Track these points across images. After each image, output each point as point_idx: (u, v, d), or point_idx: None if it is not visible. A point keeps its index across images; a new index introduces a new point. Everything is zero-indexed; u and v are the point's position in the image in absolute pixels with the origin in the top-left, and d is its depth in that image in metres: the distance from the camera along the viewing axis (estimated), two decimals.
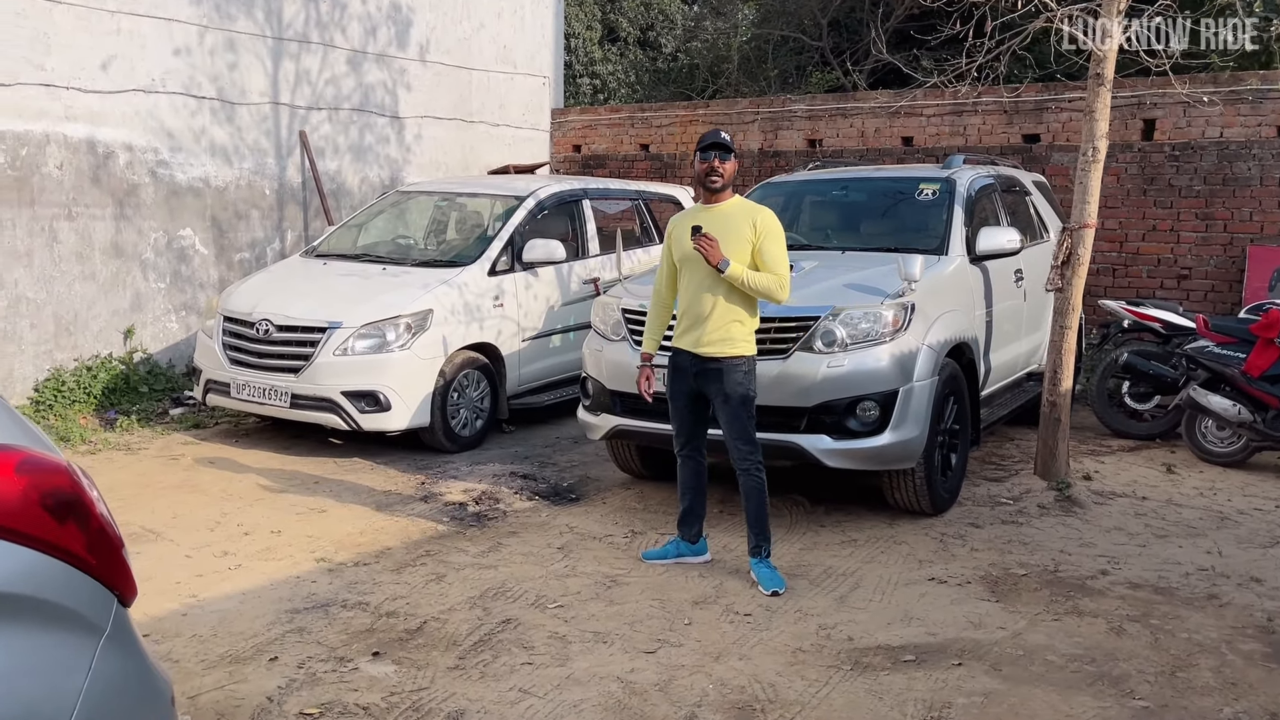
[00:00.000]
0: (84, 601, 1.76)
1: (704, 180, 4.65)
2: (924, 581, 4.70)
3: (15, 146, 7.58)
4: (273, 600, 4.43)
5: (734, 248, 4.54)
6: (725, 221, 4.60)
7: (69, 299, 7.98)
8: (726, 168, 4.62)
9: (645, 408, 5.62)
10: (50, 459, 1.78)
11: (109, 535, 1.82)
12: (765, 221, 4.59)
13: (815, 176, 7.34)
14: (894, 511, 5.64)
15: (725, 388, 4.61)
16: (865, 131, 10.64)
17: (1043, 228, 7.62)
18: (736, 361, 4.60)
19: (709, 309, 4.59)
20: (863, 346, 5.22)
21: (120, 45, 8.16)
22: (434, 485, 6.22)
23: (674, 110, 11.92)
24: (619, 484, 6.33)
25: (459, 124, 11.27)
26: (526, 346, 7.67)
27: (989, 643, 4.05)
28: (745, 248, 4.56)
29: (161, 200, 8.57)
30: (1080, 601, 4.47)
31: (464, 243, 8.07)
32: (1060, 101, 9.64)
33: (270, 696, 3.53)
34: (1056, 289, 6.13)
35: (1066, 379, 6.15)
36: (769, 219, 4.62)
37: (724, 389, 4.61)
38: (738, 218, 4.60)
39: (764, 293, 4.56)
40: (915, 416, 5.26)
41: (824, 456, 5.20)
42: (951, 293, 5.89)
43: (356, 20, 10.09)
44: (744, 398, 4.63)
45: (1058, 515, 5.68)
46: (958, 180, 6.55)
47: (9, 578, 1.62)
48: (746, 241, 4.56)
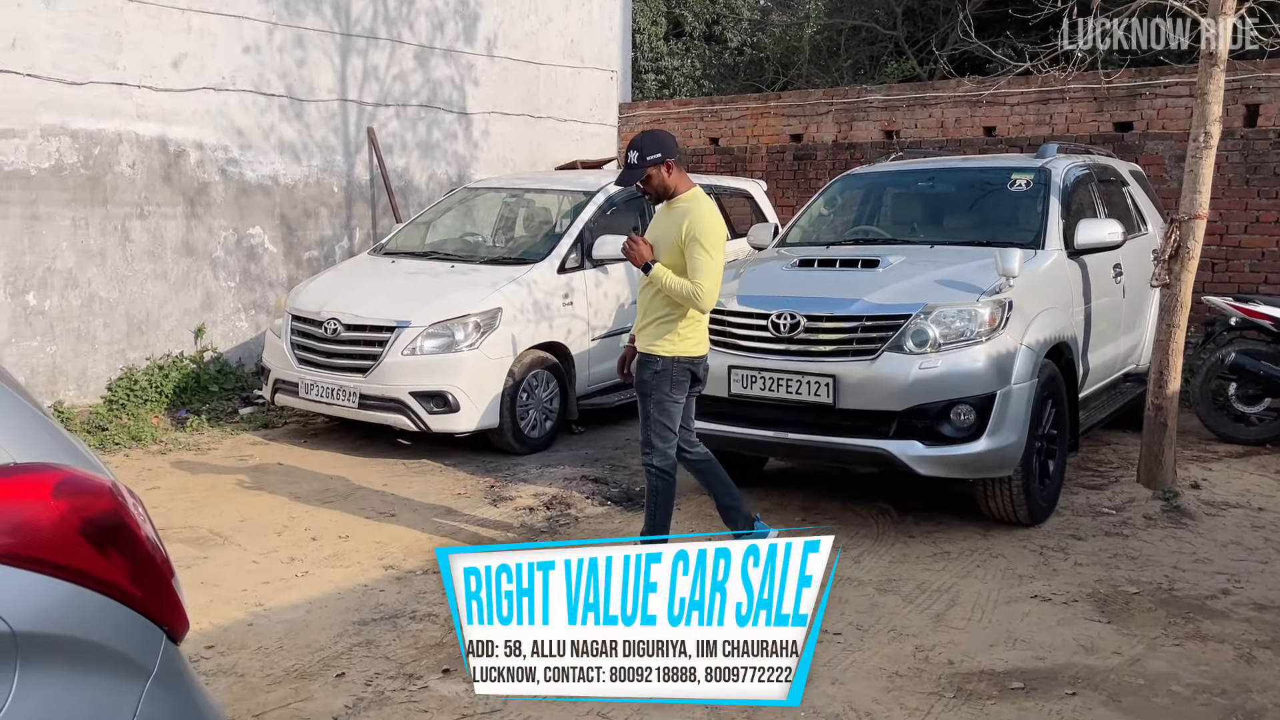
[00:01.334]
0: (128, 640, 1.57)
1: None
2: (1026, 599, 4.38)
3: (88, 145, 7.58)
4: (340, 610, 4.27)
5: (665, 250, 4.39)
6: (667, 222, 4.45)
7: (141, 298, 7.98)
8: (650, 180, 4.41)
9: (721, 411, 5.38)
10: (92, 479, 1.59)
11: (156, 563, 1.63)
12: (690, 225, 4.31)
13: (898, 168, 7.01)
14: (988, 522, 5.31)
15: (638, 384, 4.48)
16: (945, 122, 10.24)
17: (1141, 220, 7.19)
18: (649, 359, 4.43)
19: (643, 306, 4.49)
20: (957, 346, 4.90)
21: (191, 43, 8.13)
22: (503, 489, 6.04)
23: (744, 103, 11.62)
24: (693, 488, 6.05)
25: (526, 119, 11.12)
26: (596, 345, 7.46)
27: (1104, 669, 3.72)
28: (675, 250, 4.37)
29: (231, 199, 8.54)
30: (1202, 624, 4.12)
31: (532, 239, 7.89)
32: (1155, 87, 9.14)
33: (337, 717, 3.36)
34: (1163, 285, 5.73)
35: (1174, 381, 5.75)
36: (694, 222, 4.30)
37: (638, 385, 4.49)
38: (676, 219, 4.39)
39: (679, 299, 4.33)
40: (1013, 421, 4.93)
41: (915, 464, 4.89)
42: (1049, 289, 5.53)
43: (424, 15, 9.98)
44: (649, 397, 4.45)
45: (1166, 527, 5.30)
46: (1053, 170, 6.17)
47: (43, 617, 1.44)
48: (676, 244, 4.36)
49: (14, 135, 7.16)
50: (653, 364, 4.43)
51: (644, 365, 4.47)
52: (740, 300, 5.39)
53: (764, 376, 5.16)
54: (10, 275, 7.22)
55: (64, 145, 7.45)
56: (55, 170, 7.41)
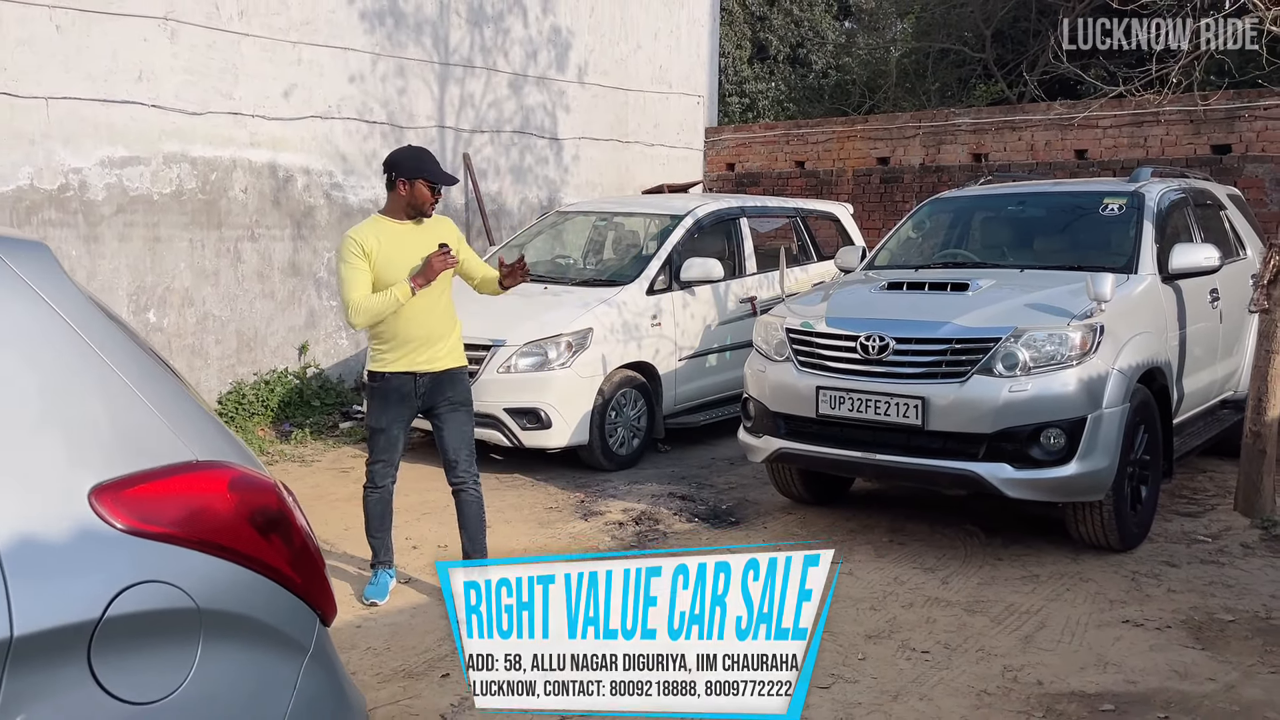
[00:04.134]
0: (289, 620, 1.76)
1: (426, 207, 4.48)
2: (1117, 624, 4.37)
3: (205, 172, 8.03)
4: (441, 615, 4.46)
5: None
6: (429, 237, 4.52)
7: (250, 316, 8.39)
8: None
9: (810, 431, 5.48)
10: (260, 477, 1.79)
11: (311, 553, 1.82)
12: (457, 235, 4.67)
13: (988, 191, 7.03)
14: (1078, 546, 5.29)
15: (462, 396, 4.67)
16: (1034, 145, 10.18)
17: (1239, 244, 7.07)
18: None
19: (447, 321, 4.62)
20: (1048, 370, 4.92)
21: (300, 74, 8.56)
22: (593, 504, 6.21)
23: (831, 126, 11.70)
24: (779, 508, 6.17)
25: (615, 144, 11.37)
26: (683, 366, 7.61)
27: (1198, 695, 3.71)
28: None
29: (335, 221, 8.93)
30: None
31: (622, 262, 8.08)
32: (1255, 109, 8.97)
33: (444, 714, 3.55)
34: (1263, 310, 5.65)
35: (1273, 407, 5.66)
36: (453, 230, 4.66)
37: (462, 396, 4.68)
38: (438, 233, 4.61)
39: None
40: (1105, 445, 4.92)
41: (1005, 486, 4.92)
42: (1142, 314, 5.50)
43: (518, 44, 10.31)
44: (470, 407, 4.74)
45: (1265, 556, 5.21)
46: (1146, 194, 6.14)
47: (221, 596, 1.63)
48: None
49: (139, 162, 7.63)
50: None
51: (463, 378, 4.65)
52: (829, 322, 5.49)
53: (852, 398, 5.24)
54: (134, 294, 7.67)
55: (184, 171, 7.90)
56: (175, 195, 7.87)
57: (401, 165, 4.41)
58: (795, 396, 5.47)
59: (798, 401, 5.46)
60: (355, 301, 4.32)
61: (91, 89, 7.32)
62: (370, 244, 4.35)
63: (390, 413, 4.54)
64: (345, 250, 4.37)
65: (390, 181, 4.44)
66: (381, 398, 4.54)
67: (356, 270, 4.33)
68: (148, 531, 1.57)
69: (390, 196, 4.48)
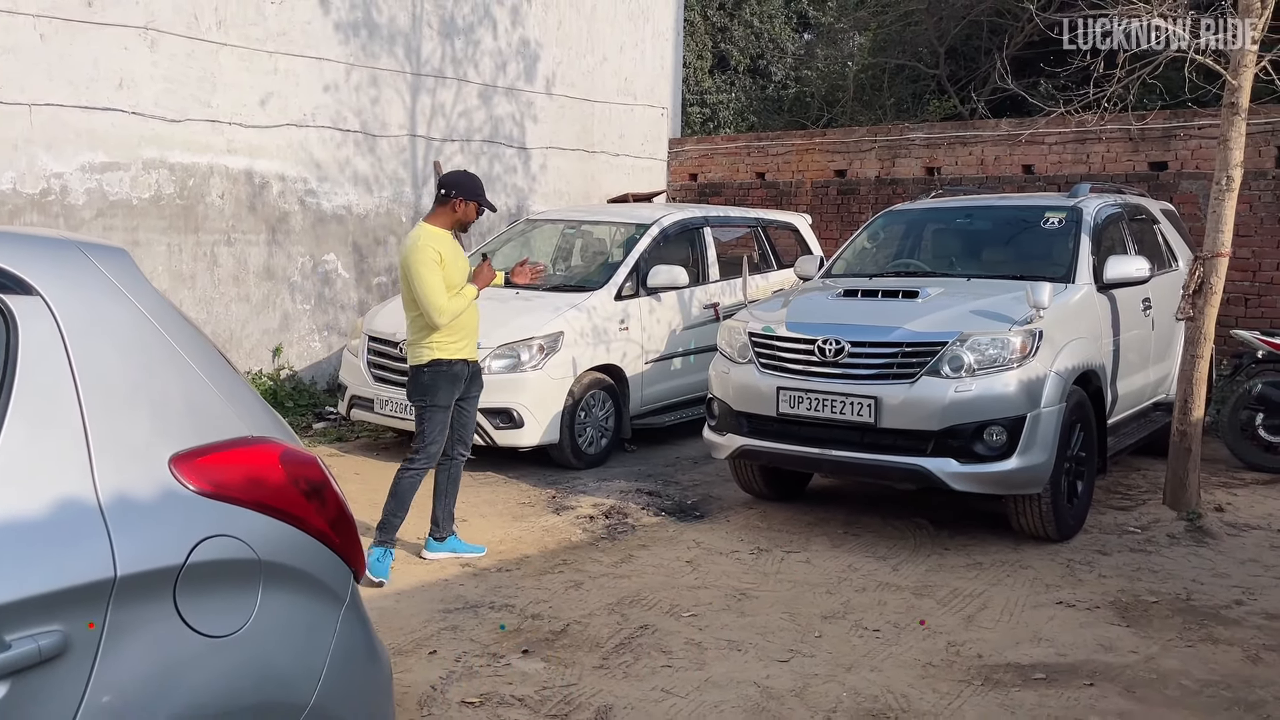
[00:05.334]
0: (330, 574, 2.04)
1: (469, 225, 5.30)
2: (1052, 605, 4.75)
3: (184, 178, 8.22)
4: (425, 601, 4.74)
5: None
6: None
7: (226, 319, 8.58)
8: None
9: (771, 429, 5.82)
10: (303, 452, 2.07)
11: (348, 517, 2.11)
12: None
13: (939, 204, 7.43)
14: (1019, 537, 5.68)
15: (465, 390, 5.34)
16: (985, 159, 10.64)
17: (1171, 256, 7.54)
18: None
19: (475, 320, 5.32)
20: (990, 372, 5.30)
21: (277, 83, 8.77)
22: (564, 499, 6.50)
23: (790, 139, 12.10)
24: (741, 503, 6.51)
25: (581, 154, 11.68)
26: (649, 368, 7.93)
27: (1120, 665, 4.09)
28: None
29: (309, 227, 9.15)
30: (1214, 630, 4.46)
31: (591, 268, 8.39)
32: (1189, 128, 9.49)
33: (434, 685, 3.82)
34: (1188, 318, 6.09)
35: (1197, 408, 6.09)
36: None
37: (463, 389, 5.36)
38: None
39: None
40: (1042, 442, 5.31)
41: (950, 480, 5.29)
42: (1078, 320, 5.91)
43: (488, 56, 10.59)
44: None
45: (1188, 545, 5.64)
46: (1084, 209, 6.56)
47: (276, 550, 1.91)
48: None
49: (119, 168, 7.81)
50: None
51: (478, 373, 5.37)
52: (789, 327, 5.84)
53: (810, 397, 5.59)
54: None
55: (162, 177, 8.09)
56: (154, 200, 8.05)
57: (462, 187, 5.12)
58: (757, 396, 5.81)
59: (759, 401, 5.80)
60: (444, 305, 5.00)
61: (73, 96, 7.50)
62: (443, 252, 5.02)
63: (452, 393, 5.18)
64: (427, 258, 4.97)
65: (446, 198, 5.12)
66: (449, 381, 5.15)
67: (438, 275, 4.99)
68: (216, 494, 1.85)
69: (441, 210, 5.15)
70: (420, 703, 3.69)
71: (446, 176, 5.25)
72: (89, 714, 1.61)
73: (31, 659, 1.56)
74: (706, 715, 3.63)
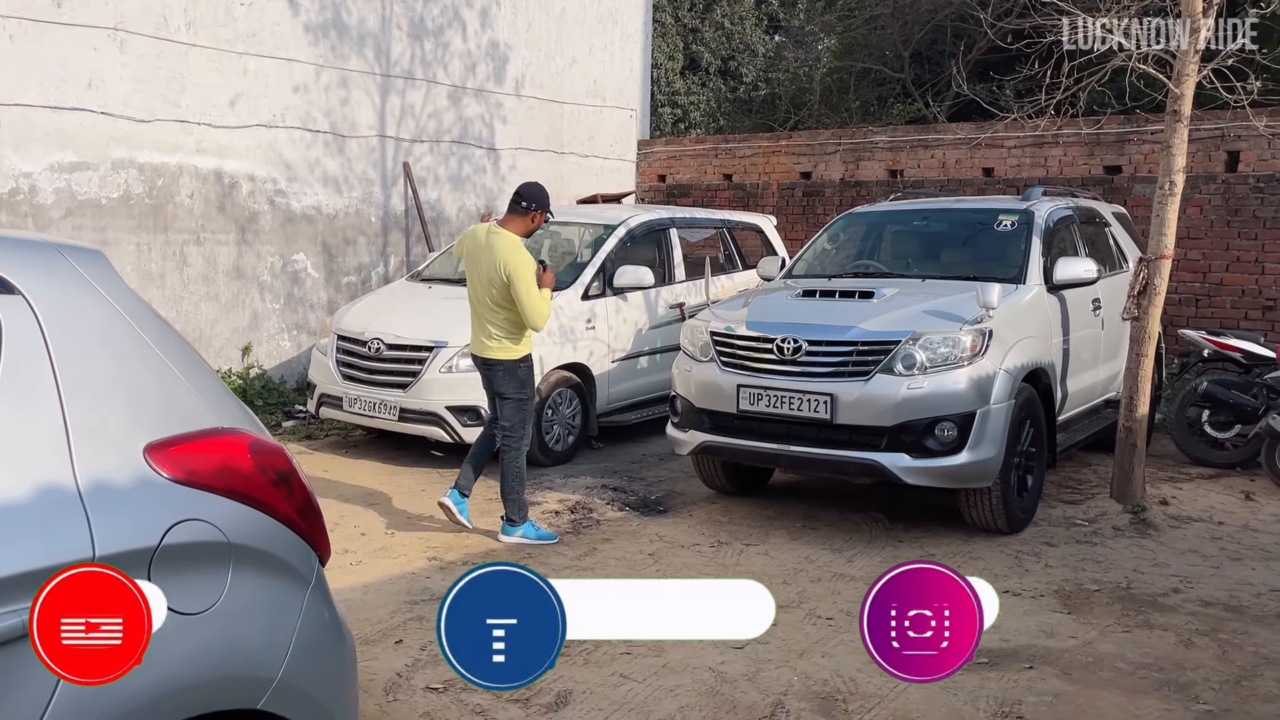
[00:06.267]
0: (296, 557, 2.17)
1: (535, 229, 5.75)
2: (999, 594, 4.91)
3: (153, 177, 8.27)
4: (392, 593, 4.86)
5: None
6: None
7: (195, 318, 8.64)
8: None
9: (732, 425, 5.98)
10: (271, 442, 2.20)
11: (313, 504, 2.24)
12: None
13: (897, 207, 7.62)
14: (970, 530, 5.87)
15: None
16: (946, 162, 10.87)
17: (1122, 258, 7.77)
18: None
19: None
20: (942, 370, 5.49)
21: (246, 84, 8.84)
22: (531, 495, 6.61)
23: (757, 141, 12.29)
24: (704, 498, 6.66)
25: (551, 155, 11.81)
26: (616, 367, 8.07)
27: (1059, 650, 4.28)
28: None
29: (278, 227, 9.22)
30: (1151, 616, 4.67)
31: (558, 268, 8.50)
32: (1143, 134, 9.76)
33: (399, 673, 3.95)
34: (1133, 318, 6.31)
35: (1142, 405, 6.32)
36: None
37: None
38: None
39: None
40: (992, 437, 5.50)
41: (903, 474, 5.47)
42: (1028, 320, 6.12)
43: (458, 58, 10.69)
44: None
45: (1132, 537, 5.85)
46: (1036, 212, 6.77)
47: (245, 533, 2.04)
48: None
49: (88, 168, 7.85)
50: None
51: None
52: (749, 326, 6.00)
53: (769, 395, 5.75)
54: None
55: (131, 177, 8.14)
56: (123, 200, 8.10)
57: (540, 199, 5.64)
58: (718, 394, 5.97)
59: (721, 398, 5.96)
60: (548, 312, 5.61)
61: (43, 96, 7.54)
62: None
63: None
64: (528, 269, 5.48)
65: (526, 209, 5.61)
66: (529, 372, 5.78)
67: (535, 283, 5.49)
68: (189, 481, 1.97)
69: (519, 219, 5.64)
70: (386, 689, 3.82)
71: (527, 189, 5.67)
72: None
73: (15, 632, 1.68)
74: (662, 699, 3.78)
